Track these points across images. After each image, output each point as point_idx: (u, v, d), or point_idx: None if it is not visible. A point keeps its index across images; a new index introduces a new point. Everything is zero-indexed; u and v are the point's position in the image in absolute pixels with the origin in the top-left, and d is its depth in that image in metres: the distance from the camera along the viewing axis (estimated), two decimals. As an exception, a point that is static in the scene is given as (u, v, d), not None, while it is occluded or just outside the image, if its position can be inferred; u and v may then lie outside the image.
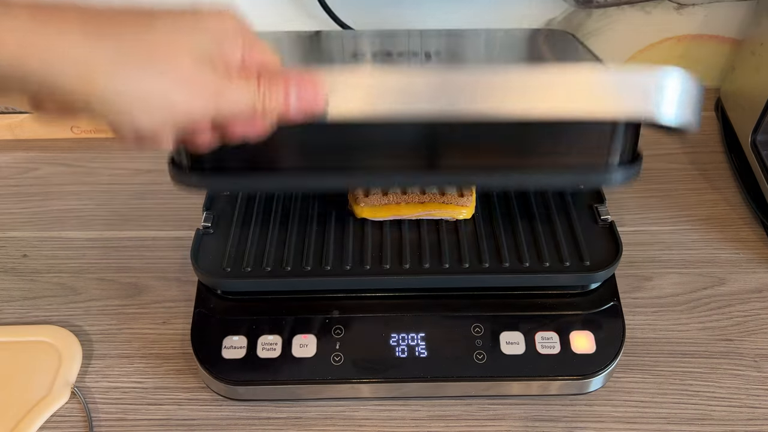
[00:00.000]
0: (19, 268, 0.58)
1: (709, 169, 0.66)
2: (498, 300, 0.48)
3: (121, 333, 0.53)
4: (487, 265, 0.48)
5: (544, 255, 0.48)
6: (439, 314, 0.48)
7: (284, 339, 0.47)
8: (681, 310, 0.54)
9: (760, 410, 0.47)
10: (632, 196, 0.64)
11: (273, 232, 0.50)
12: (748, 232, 0.60)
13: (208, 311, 0.48)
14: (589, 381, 0.46)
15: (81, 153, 0.70)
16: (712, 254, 0.58)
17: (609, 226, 0.50)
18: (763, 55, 0.63)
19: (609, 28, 0.71)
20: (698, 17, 0.71)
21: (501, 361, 0.46)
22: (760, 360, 0.50)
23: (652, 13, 0.70)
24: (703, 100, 0.38)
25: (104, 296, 0.56)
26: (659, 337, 0.52)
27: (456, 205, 0.50)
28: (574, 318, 0.48)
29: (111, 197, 0.65)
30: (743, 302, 0.54)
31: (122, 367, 0.51)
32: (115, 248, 0.60)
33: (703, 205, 0.63)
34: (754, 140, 0.62)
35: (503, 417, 0.47)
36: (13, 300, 0.56)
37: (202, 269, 0.48)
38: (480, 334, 0.47)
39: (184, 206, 0.63)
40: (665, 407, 0.48)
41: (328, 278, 0.48)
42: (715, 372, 0.50)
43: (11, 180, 0.67)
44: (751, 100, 0.63)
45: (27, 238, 0.61)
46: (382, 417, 0.48)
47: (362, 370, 0.46)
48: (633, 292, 0.55)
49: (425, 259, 0.48)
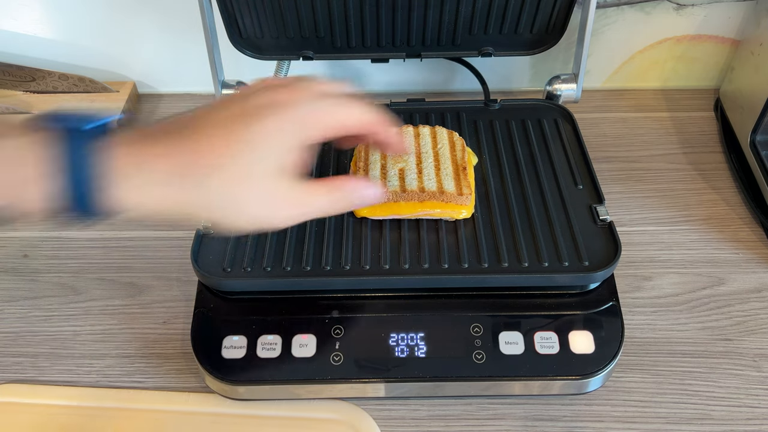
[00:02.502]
0: (19, 268, 0.59)
1: (709, 170, 0.66)
2: (497, 300, 0.48)
3: (121, 333, 0.53)
4: (487, 265, 0.48)
5: (544, 255, 0.48)
6: (439, 314, 0.48)
7: (284, 339, 0.47)
8: (680, 310, 0.54)
9: (760, 410, 0.48)
10: (632, 196, 0.64)
11: (272, 232, 0.50)
12: (748, 232, 0.60)
13: (208, 311, 0.49)
14: (588, 381, 0.46)
15: (81, 153, 0.70)
16: (711, 254, 0.58)
17: (608, 226, 0.50)
18: (763, 55, 0.63)
19: (608, 29, 0.72)
20: (698, 17, 0.71)
21: (500, 361, 0.46)
22: (759, 360, 0.50)
23: (652, 14, 0.70)
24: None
25: (104, 296, 0.56)
26: (658, 337, 0.52)
27: (455, 204, 0.50)
28: (574, 318, 0.48)
29: (111, 197, 0.65)
30: (742, 302, 0.54)
31: (122, 367, 0.51)
32: (116, 248, 0.60)
33: (702, 205, 0.63)
34: (753, 140, 0.62)
35: (503, 416, 0.48)
36: (14, 300, 0.56)
37: (202, 269, 0.48)
38: (479, 334, 0.47)
39: (184, 206, 0.63)
40: (664, 407, 0.48)
41: (328, 278, 0.48)
42: (714, 372, 0.50)
43: (12, 180, 0.67)
44: (751, 100, 0.63)
45: (27, 238, 0.61)
46: (382, 417, 0.48)
47: (362, 370, 0.46)
48: (632, 292, 0.55)
49: (424, 259, 0.48)
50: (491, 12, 0.59)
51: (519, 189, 0.54)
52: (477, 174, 0.55)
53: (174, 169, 0.34)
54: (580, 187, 0.54)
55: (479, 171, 0.55)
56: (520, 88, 0.77)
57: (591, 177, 0.55)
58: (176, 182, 0.34)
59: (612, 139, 0.70)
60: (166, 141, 0.35)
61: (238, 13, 0.59)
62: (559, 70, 0.73)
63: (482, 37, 0.62)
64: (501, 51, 0.63)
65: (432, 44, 0.62)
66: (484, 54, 0.63)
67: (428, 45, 0.62)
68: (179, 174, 0.34)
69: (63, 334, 0.53)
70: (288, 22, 0.59)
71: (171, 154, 0.34)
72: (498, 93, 0.73)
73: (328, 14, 0.59)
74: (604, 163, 0.66)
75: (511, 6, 0.58)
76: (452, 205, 0.50)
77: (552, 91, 0.64)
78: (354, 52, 0.63)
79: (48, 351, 0.52)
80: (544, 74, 0.72)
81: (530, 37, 0.62)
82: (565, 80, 0.64)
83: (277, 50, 0.62)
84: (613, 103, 0.75)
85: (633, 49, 0.74)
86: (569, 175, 0.55)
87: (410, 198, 0.50)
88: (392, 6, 0.58)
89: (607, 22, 0.71)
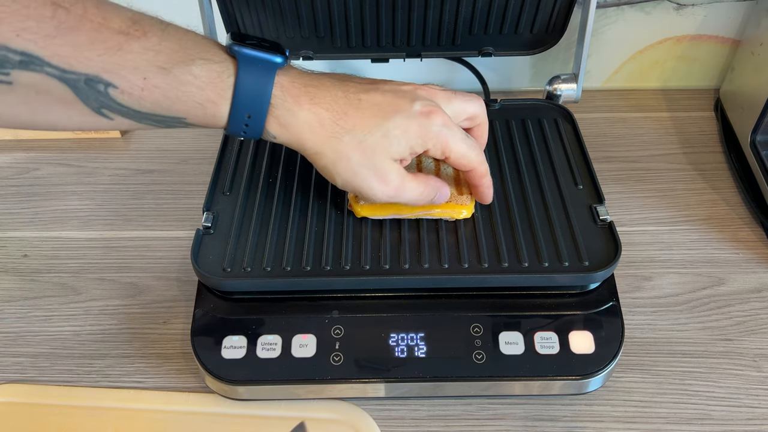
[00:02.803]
0: (19, 268, 0.59)
1: (709, 170, 0.66)
2: (497, 300, 0.48)
3: (121, 333, 0.53)
4: (487, 265, 0.48)
5: (544, 255, 0.48)
6: (439, 314, 0.48)
7: (284, 339, 0.47)
8: (680, 310, 0.54)
9: (760, 410, 0.48)
10: (632, 196, 0.64)
11: (272, 232, 0.50)
12: (748, 232, 0.60)
13: (208, 311, 0.49)
14: (588, 381, 0.46)
15: (81, 153, 0.70)
16: (711, 254, 0.58)
17: (608, 226, 0.50)
18: (763, 55, 0.63)
19: (608, 29, 0.72)
20: (698, 17, 0.71)
21: (500, 361, 0.46)
22: (759, 360, 0.50)
23: (652, 14, 0.70)
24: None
25: (104, 296, 0.56)
26: (659, 337, 0.52)
27: (456, 203, 0.50)
28: (574, 318, 0.48)
29: (111, 197, 0.65)
30: (743, 302, 0.54)
31: (122, 367, 0.51)
32: (116, 248, 0.60)
33: (702, 205, 0.63)
34: (753, 140, 0.62)
35: (503, 417, 0.48)
36: (14, 300, 0.56)
37: (202, 269, 0.48)
38: (479, 334, 0.47)
39: (184, 206, 0.63)
40: (665, 407, 0.48)
41: (328, 278, 0.48)
42: (714, 372, 0.50)
43: (11, 180, 0.67)
44: (751, 100, 0.63)
45: (27, 238, 0.61)
46: (382, 417, 0.48)
47: (362, 370, 0.46)
48: (632, 292, 0.55)
49: (424, 259, 0.48)
50: (491, 12, 0.59)
51: (519, 189, 0.54)
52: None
53: (327, 114, 0.42)
54: (581, 187, 0.54)
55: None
56: (520, 88, 0.77)
57: (591, 177, 0.55)
58: (321, 127, 0.42)
59: (612, 139, 0.70)
60: (332, 93, 0.43)
61: (238, 13, 0.59)
62: (559, 70, 0.73)
63: (482, 37, 0.62)
64: (501, 51, 0.63)
65: (432, 44, 0.62)
66: (484, 54, 0.63)
67: (428, 45, 0.62)
68: (330, 121, 0.42)
69: (63, 334, 0.53)
70: (288, 22, 0.59)
71: (328, 107, 0.42)
72: (498, 93, 0.74)
73: (328, 14, 0.59)
74: (604, 163, 0.66)
75: (511, 6, 0.58)
76: (452, 205, 0.50)
77: (552, 91, 0.64)
78: (354, 51, 0.63)
79: (48, 351, 0.52)
80: (545, 74, 0.72)
81: (530, 37, 0.62)
82: (566, 80, 0.64)
83: (277, 50, 0.62)
84: (614, 103, 0.75)
85: (633, 49, 0.74)
86: (569, 175, 0.55)
87: None
88: (392, 6, 0.58)
89: (608, 22, 0.71)
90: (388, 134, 0.43)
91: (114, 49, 0.37)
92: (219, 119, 0.41)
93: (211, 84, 0.40)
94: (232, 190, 0.54)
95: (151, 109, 0.39)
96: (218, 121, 0.41)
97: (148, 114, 0.39)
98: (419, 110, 0.44)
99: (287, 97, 0.42)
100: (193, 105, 0.40)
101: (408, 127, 0.43)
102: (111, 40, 0.36)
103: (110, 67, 0.37)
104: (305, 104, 0.42)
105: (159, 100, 0.39)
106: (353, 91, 0.44)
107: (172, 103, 0.39)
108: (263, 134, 0.43)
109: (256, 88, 0.40)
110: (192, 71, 0.39)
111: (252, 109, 0.41)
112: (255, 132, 0.42)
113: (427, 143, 0.44)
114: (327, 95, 0.43)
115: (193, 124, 0.42)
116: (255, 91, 0.41)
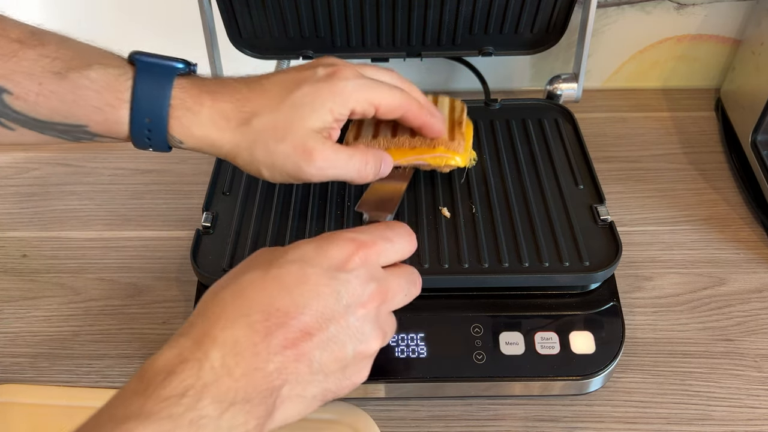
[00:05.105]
0: (19, 268, 0.59)
1: (709, 169, 0.66)
2: (497, 300, 0.48)
3: (121, 333, 0.53)
4: (487, 265, 0.48)
5: (544, 255, 0.48)
6: (439, 314, 0.48)
7: (284, 339, 0.46)
8: (681, 310, 0.54)
9: (761, 410, 0.47)
10: (632, 196, 0.64)
11: (272, 233, 0.50)
12: (748, 232, 0.60)
13: (207, 311, 0.48)
14: (588, 381, 0.46)
15: (81, 153, 0.70)
16: (712, 254, 0.58)
17: (609, 226, 0.50)
18: (764, 54, 0.63)
19: (609, 28, 0.71)
20: (698, 17, 0.70)
21: (501, 361, 0.46)
22: (760, 360, 0.50)
23: (652, 13, 0.70)
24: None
25: (104, 296, 0.56)
26: (659, 337, 0.52)
27: (446, 148, 0.49)
28: (574, 318, 0.47)
29: (111, 197, 0.65)
30: (743, 302, 0.54)
31: (122, 367, 0.51)
32: (115, 248, 0.60)
33: (703, 205, 0.63)
34: (754, 140, 0.62)
35: (503, 417, 0.47)
36: (13, 300, 0.56)
37: (202, 269, 0.48)
38: (480, 334, 0.47)
39: (184, 206, 0.63)
40: (665, 407, 0.48)
41: (328, 278, 0.47)
42: (715, 372, 0.50)
43: (11, 180, 0.67)
44: (752, 100, 0.63)
45: (27, 238, 0.61)
46: (382, 417, 0.47)
47: (362, 370, 0.46)
48: (633, 292, 0.55)
49: (425, 259, 0.48)
50: (492, 11, 0.59)
51: (519, 189, 0.54)
52: (477, 173, 0.54)
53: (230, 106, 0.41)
54: (581, 187, 0.54)
55: (480, 170, 0.55)
56: (520, 87, 0.77)
57: (591, 177, 0.54)
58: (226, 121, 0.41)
59: (612, 139, 0.70)
60: (233, 87, 0.42)
61: (238, 13, 0.59)
62: (559, 70, 0.73)
63: (482, 36, 0.62)
64: (501, 50, 0.63)
65: (432, 44, 0.62)
66: (485, 53, 0.63)
67: (428, 44, 0.62)
68: (234, 111, 0.41)
69: (62, 334, 0.53)
70: (288, 22, 0.59)
71: (231, 99, 0.41)
72: (498, 93, 0.73)
73: (328, 14, 0.58)
74: (604, 163, 0.66)
75: (511, 5, 0.58)
76: (443, 149, 0.49)
77: (552, 90, 0.64)
78: (354, 51, 0.63)
79: (47, 351, 0.52)
80: (545, 74, 0.72)
81: (531, 37, 0.62)
82: (566, 80, 0.64)
83: (277, 50, 0.62)
84: (614, 103, 0.75)
85: (633, 48, 0.74)
86: (570, 174, 0.55)
87: (401, 144, 0.49)
88: (392, 5, 0.58)
89: (608, 22, 0.71)
90: (296, 104, 0.41)
91: (8, 56, 0.37)
92: (121, 125, 0.40)
93: (109, 87, 0.39)
94: (232, 190, 0.54)
95: (48, 116, 0.39)
96: (121, 128, 0.40)
97: (47, 122, 0.39)
98: (324, 73, 0.42)
99: (187, 98, 0.41)
100: (91, 110, 0.39)
101: (317, 91, 0.41)
102: (6, 48, 0.37)
103: (4, 72, 0.37)
104: (207, 102, 0.41)
105: (56, 106, 0.38)
106: (255, 81, 0.43)
107: (69, 108, 0.39)
108: (169, 140, 0.41)
109: (154, 90, 0.40)
110: (89, 76, 0.38)
111: (152, 112, 0.40)
112: (159, 138, 0.41)
113: (347, 102, 0.42)
114: (228, 90, 0.42)
115: (98, 134, 0.41)
116: (153, 93, 0.40)
